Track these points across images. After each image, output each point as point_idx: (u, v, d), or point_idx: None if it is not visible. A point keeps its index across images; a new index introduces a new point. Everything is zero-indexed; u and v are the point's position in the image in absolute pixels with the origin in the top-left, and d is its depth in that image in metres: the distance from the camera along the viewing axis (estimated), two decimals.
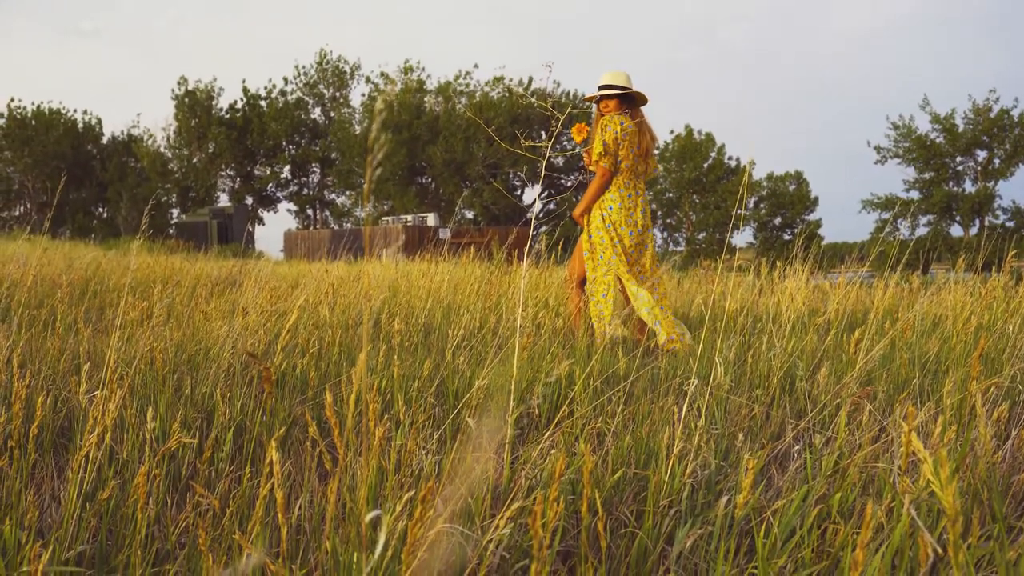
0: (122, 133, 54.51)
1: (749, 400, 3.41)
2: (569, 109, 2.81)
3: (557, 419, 2.88)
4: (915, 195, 45.75)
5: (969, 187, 45.31)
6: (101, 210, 54.63)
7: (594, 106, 6.14)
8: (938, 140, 45.16)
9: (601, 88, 5.96)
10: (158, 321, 4.74)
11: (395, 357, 3.10)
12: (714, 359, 3.46)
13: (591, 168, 5.99)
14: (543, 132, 43.98)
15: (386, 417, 2.68)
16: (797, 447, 2.97)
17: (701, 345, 3.26)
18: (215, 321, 4.85)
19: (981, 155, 44.93)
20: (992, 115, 43.89)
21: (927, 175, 45.46)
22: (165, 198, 50.61)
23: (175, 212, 51.70)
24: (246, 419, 3.13)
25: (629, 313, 5.74)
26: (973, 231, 44.42)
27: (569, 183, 46.85)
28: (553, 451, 2.69)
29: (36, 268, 7.29)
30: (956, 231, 45.40)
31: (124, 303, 3.70)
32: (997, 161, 44.47)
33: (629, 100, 5.99)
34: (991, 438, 2.49)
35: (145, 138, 53.31)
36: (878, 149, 46.63)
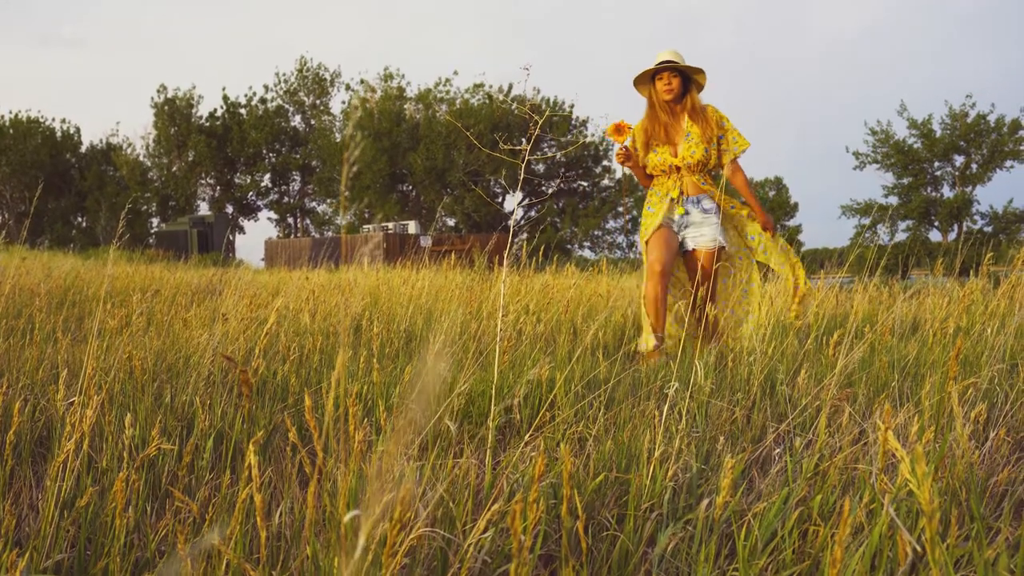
0: (101, 142, 54.31)
1: (730, 404, 3.42)
2: (547, 114, 2.82)
3: (537, 423, 2.88)
4: (894, 200, 46.02)
5: (947, 192, 45.63)
6: (80, 219, 54.36)
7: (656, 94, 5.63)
8: (916, 145, 45.43)
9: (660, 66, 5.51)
10: (137, 329, 4.72)
11: (375, 362, 3.09)
12: (695, 363, 3.47)
13: (723, 169, 5.61)
14: (523, 139, 44.05)
15: (367, 422, 2.68)
16: (778, 450, 2.98)
17: (680, 349, 3.27)
18: (195, 329, 4.83)
19: (959, 160, 45.24)
20: (969, 120, 44.19)
21: (905, 180, 45.73)
22: (145, 207, 50.41)
23: (155, 221, 51.49)
24: (226, 426, 3.12)
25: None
26: (952, 236, 44.70)
27: (550, 189, 46.94)
28: (534, 455, 2.69)
29: (14, 278, 7.24)
30: (935, 236, 45.70)
31: (101, 310, 3.67)
32: (975, 166, 44.78)
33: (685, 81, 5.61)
34: (968, 439, 2.50)
35: (124, 147, 53.14)
36: (857, 155, 46.89)
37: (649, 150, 5.67)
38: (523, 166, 2.72)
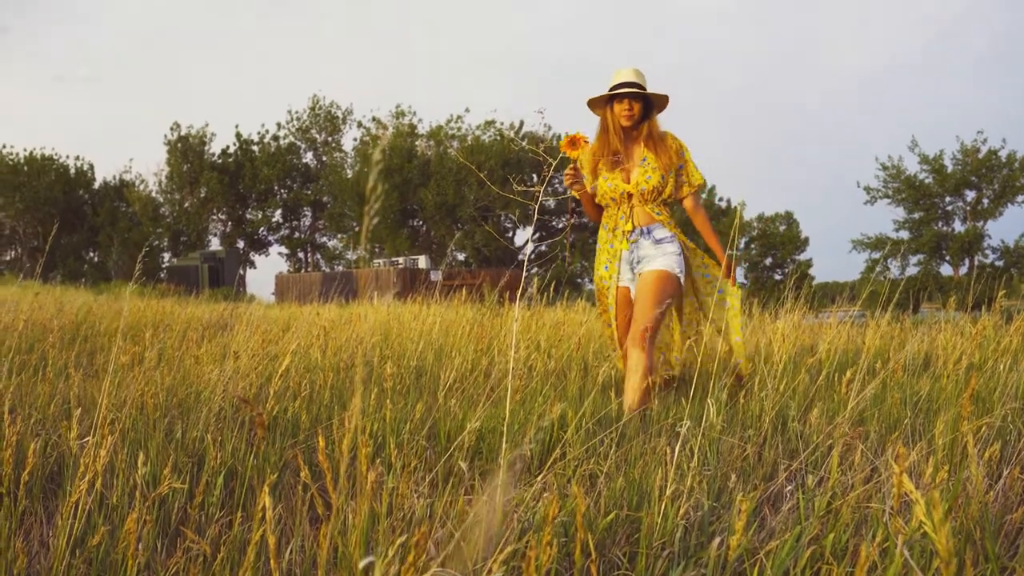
0: (114, 178, 54.69)
1: (741, 440, 3.41)
2: (561, 155, 2.83)
3: (550, 462, 2.88)
4: (905, 235, 45.96)
5: (959, 227, 45.56)
6: (92, 254, 54.63)
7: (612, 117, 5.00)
8: (927, 180, 45.44)
9: (621, 87, 4.90)
10: (149, 365, 4.73)
11: (388, 401, 3.09)
12: (707, 400, 3.46)
13: (684, 200, 5.11)
14: (535, 175, 44.18)
15: (378, 461, 2.67)
16: (790, 487, 2.97)
17: (694, 386, 3.26)
18: (206, 365, 4.84)
19: (970, 195, 45.23)
20: (980, 156, 44.21)
21: (916, 215, 45.70)
22: (156, 242, 50.65)
23: (166, 256, 51.70)
24: (237, 463, 3.12)
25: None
26: (963, 270, 44.60)
27: (560, 225, 47.03)
28: (546, 494, 2.68)
29: (27, 313, 7.28)
30: (946, 270, 45.59)
31: (116, 349, 3.69)
32: (986, 201, 44.75)
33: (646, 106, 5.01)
34: (983, 478, 2.49)
35: (137, 183, 53.47)
36: (868, 190, 46.89)
37: (598, 176, 5.04)
38: (536, 207, 2.73)
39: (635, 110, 4.90)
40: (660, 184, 4.92)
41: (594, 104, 5.06)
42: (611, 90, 4.92)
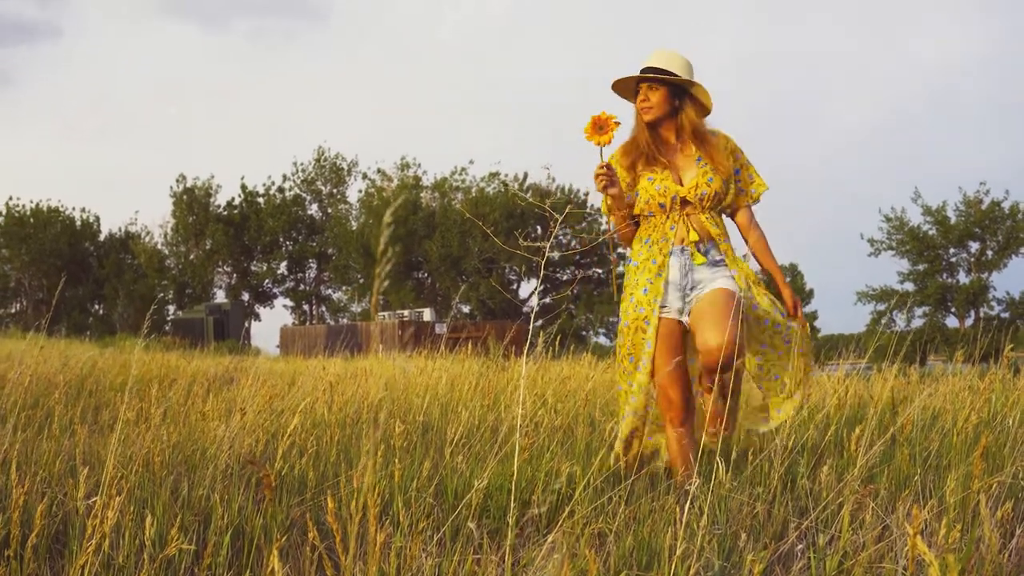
0: (119, 230, 54.88)
1: (751, 498, 3.39)
2: (568, 210, 2.85)
3: (560, 521, 2.86)
4: (910, 286, 45.94)
5: (963, 278, 45.56)
6: (97, 307, 54.70)
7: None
8: (931, 232, 45.50)
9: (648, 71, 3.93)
10: (156, 422, 4.72)
11: (396, 460, 3.08)
12: (715, 457, 3.44)
13: (738, 213, 4.14)
14: (539, 227, 44.33)
15: (386, 521, 2.66)
16: (800, 546, 2.94)
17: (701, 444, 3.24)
18: (212, 421, 4.83)
19: (974, 247, 45.25)
20: (983, 207, 44.30)
21: (921, 267, 45.70)
22: (162, 294, 50.72)
23: (171, 308, 51.75)
24: (244, 522, 3.10)
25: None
26: (969, 322, 44.51)
27: (565, 277, 47.08)
28: (555, 555, 2.66)
29: (32, 367, 7.28)
30: (952, 322, 45.52)
31: (124, 407, 3.69)
32: (990, 253, 44.77)
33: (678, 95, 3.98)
34: (996, 537, 2.47)
35: (143, 235, 53.68)
36: (872, 242, 46.94)
37: (637, 176, 4.02)
38: (543, 262, 2.74)
39: (652, 100, 3.91)
40: (722, 189, 3.98)
41: (621, 91, 4.09)
42: (633, 77, 3.98)
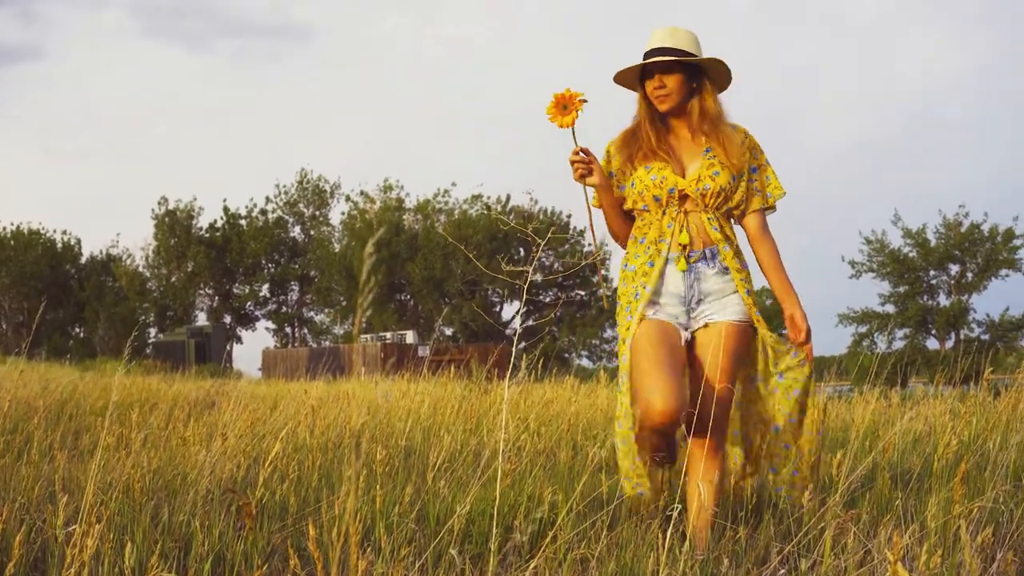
0: (101, 253, 54.62)
1: (733, 523, 3.39)
2: (550, 234, 2.86)
3: (542, 547, 2.85)
4: (890, 308, 46.11)
5: (944, 300, 45.76)
6: (78, 330, 54.38)
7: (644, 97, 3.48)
8: (911, 255, 45.72)
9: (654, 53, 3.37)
10: (136, 447, 4.70)
11: (377, 485, 3.07)
12: (696, 482, 3.44)
13: (748, 218, 3.55)
14: (522, 249, 44.35)
15: (368, 548, 2.65)
16: (783, 571, 2.95)
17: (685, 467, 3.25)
18: (193, 446, 4.80)
19: (954, 269, 45.49)
20: (963, 230, 44.57)
21: (901, 289, 45.89)
22: (143, 317, 50.46)
23: (153, 331, 51.47)
24: (225, 549, 3.08)
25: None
26: (949, 344, 44.71)
27: (548, 299, 47.11)
28: None
29: (12, 391, 7.23)
30: (932, 344, 45.69)
31: (104, 432, 3.66)
32: (970, 275, 45.02)
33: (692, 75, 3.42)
34: (977, 563, 2.48)
35: (124, 258, 53.45)
36: (852, 264, 47.10)
37: (634, 169, 3.45)
38: (526, 286, 2.74)
39: (670, 86, 3.36)
40: (729, 186, 3.40)
41: (626, 81, 3.53)
42: (644, 58, 3.41)
